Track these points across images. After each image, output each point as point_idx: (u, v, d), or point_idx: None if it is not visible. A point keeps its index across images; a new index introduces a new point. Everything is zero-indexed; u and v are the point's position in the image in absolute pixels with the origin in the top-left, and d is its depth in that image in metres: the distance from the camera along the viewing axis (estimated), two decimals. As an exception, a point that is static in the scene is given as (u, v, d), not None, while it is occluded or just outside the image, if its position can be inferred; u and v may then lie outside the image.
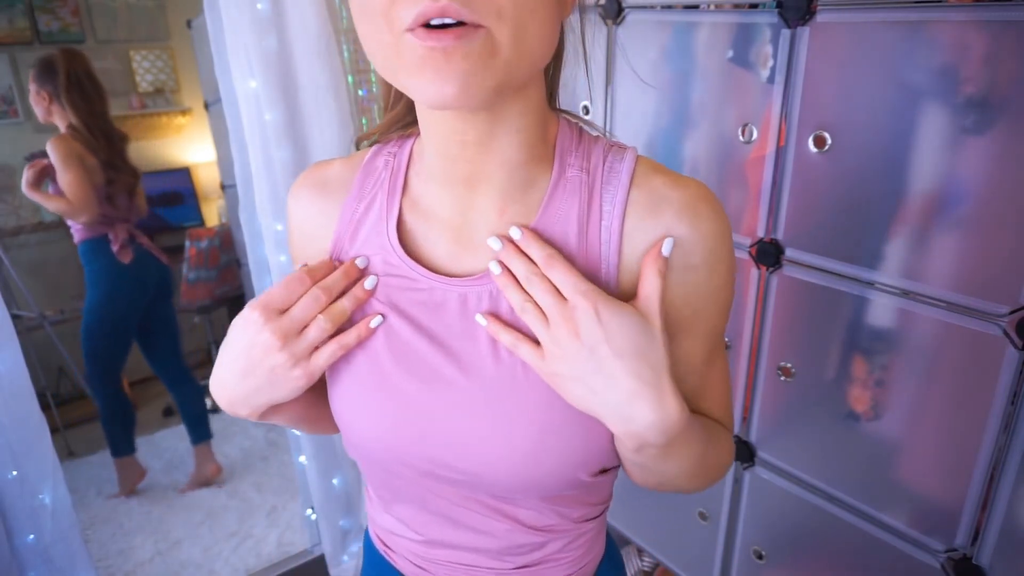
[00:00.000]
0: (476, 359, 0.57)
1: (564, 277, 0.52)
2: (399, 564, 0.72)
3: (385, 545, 0.73)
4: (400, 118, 0.63)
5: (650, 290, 0.52)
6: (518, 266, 0.54)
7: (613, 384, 0.50)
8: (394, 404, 0.59)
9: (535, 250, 0.54)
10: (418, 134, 0.61)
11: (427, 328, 0.58)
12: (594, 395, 0.51)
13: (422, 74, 0.45)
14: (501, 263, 0.55)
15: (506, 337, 0.55)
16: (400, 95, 0.62)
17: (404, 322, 0.59)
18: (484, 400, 0.56)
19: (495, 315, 0.56)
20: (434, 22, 0.43)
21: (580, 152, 0.58)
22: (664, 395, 0.51)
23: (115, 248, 2.24)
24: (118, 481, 2.55)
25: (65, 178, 2.07)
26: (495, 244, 0.55)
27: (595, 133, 0.61)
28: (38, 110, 2.15)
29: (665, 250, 0.53)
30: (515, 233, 0.55)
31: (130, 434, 2.51)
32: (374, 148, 0.64)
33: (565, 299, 0.52)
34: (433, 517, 0.65)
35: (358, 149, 0.66)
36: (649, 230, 0.55)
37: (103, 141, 2.16)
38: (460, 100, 0.46)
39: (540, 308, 0.53)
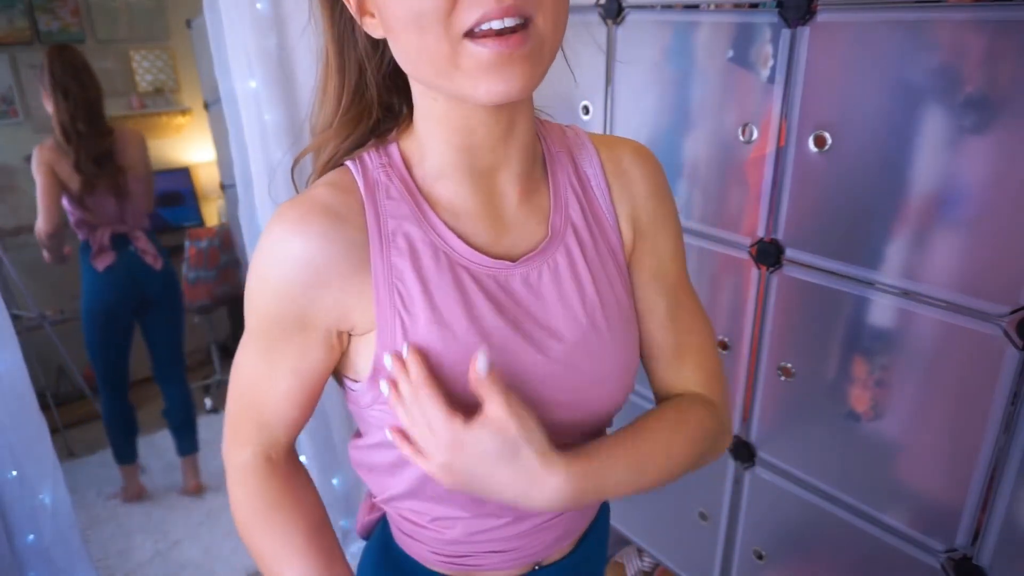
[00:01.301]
0: (563, 324, 0.62)
1: (428, 409, 0.57)
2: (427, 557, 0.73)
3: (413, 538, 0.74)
4: (350, 131, 0.61)
5: (495, 405, 0.56)
6: (403, 388, 0.58)
7: (492, 484, 0.57)
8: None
9: (412, 375, 0.57)
10: (395, 139, 0.62)
11: (510, 311, 0.61)
12: (483, 490, 0.59)
13: (488, 77, 0.49)
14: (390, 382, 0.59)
15: (405, 450, 0.60)
16: (355, 106, 0.61)
17: (492, 309, 0.60)
18: (584, 353, 0.62)
19: (398, 430, 0.61)
20: (495, 25, 0.47)
21: (547, 129, 0.67)
22: (539, 481, 0.56)
23: (93, 252, 2.20)
24: (122, 486, 2.53)
25: (36, 186, 2.09)
26: (387, 362, 0.58)
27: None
28: (48, 109, 2.14)
29: (480, 366, 0.55)
30: (403, 352, 0.58)
31: (131, 442, 2.46)
32: (351, 165, 0.60)
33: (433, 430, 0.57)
34: None
35: (324, 173, 0.63)
36: (622, 178, 0.67)
37: (85, 140, 2.07)
38: (522, 95, 0.51)
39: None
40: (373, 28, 0.55)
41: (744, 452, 1.29)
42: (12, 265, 2.55)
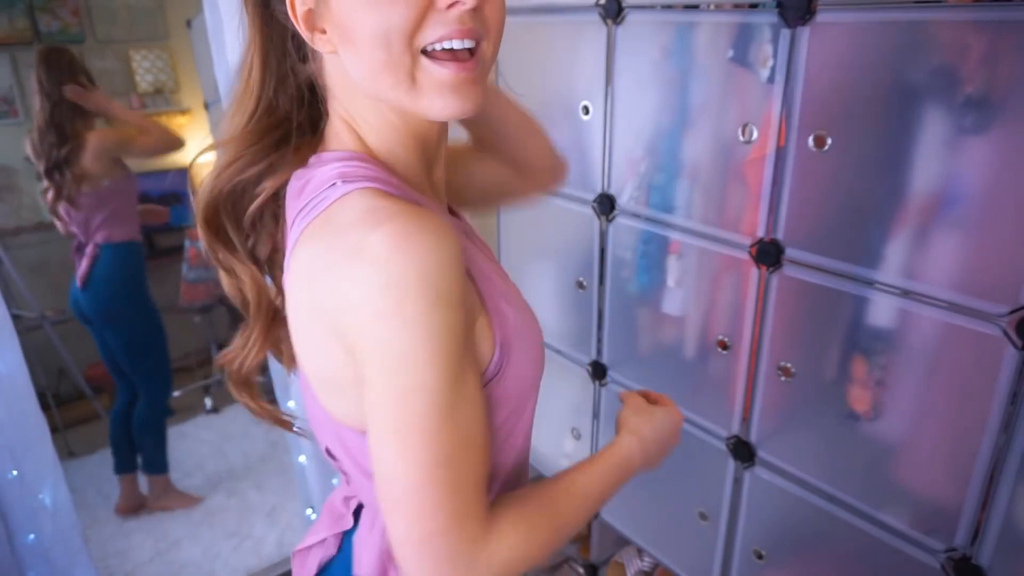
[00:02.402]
0: None
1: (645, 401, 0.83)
2: None
3: None
4: (255, 141, 0.60)
5: (667, 399, 0.85)
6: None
7: (659, 455, 0.79)
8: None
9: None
10: (329, 152, 0.61)
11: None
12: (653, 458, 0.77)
13: (442, 95, 0.53)
14: None
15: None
16: (266, 117, 0.60)
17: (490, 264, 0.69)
18: None
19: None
20: (455, 45, 0.52)
21: None
22: (664, 455, 0.81)
23: None
24: (119, 497, 2.46)
25: None
26: None
27: None
28: None
29: None
30: None
31: (133, 452, 2.43)
32: (360, 184, 0.56)
33: None
34: None
35: (221, 179, 0.62)
36: None
37: (46, 148, 2.03)
38: (472, 113, 0.55)
39: None
40: (322, 44, 0.56)
41: (744, 452, 1.29)
42: (12, 265, 2.55)
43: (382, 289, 0.48)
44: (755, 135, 1.12)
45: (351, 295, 0.49)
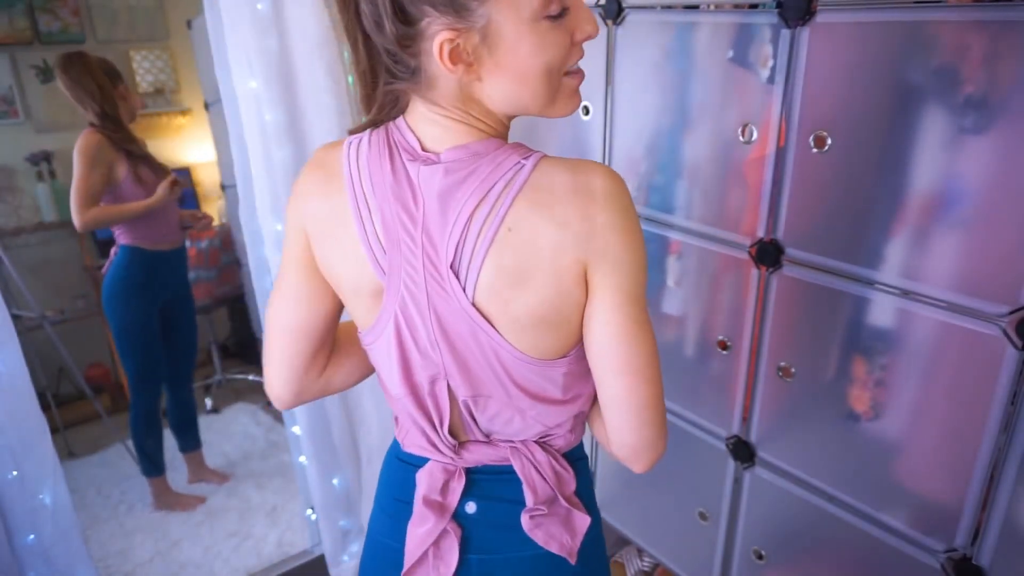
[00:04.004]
0: None
1: None
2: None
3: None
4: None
5: None
6: None
7: None
8: None
9: None
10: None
11: None
12: None
13: (572, 98, 0.71)
14: None
15: None
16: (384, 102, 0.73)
17: None
18: None
19: None
20: (580, 63, 0.71)
21: None
22: None
23: None
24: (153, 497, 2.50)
25: None
26: None
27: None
28: None
29: None
30: None
31: (157, 455, 2.43)
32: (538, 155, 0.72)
33: None
34: None
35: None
36: None
37: None
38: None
39: None
40: (466, 74, 0.66)
41: (744, 452, 1.29)
42: (12, 265, 2.54)
43: (628, 218, 0.69)
44: (755, 135, 1.12)
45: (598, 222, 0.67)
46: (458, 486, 0.81)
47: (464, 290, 0.68)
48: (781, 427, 1.23)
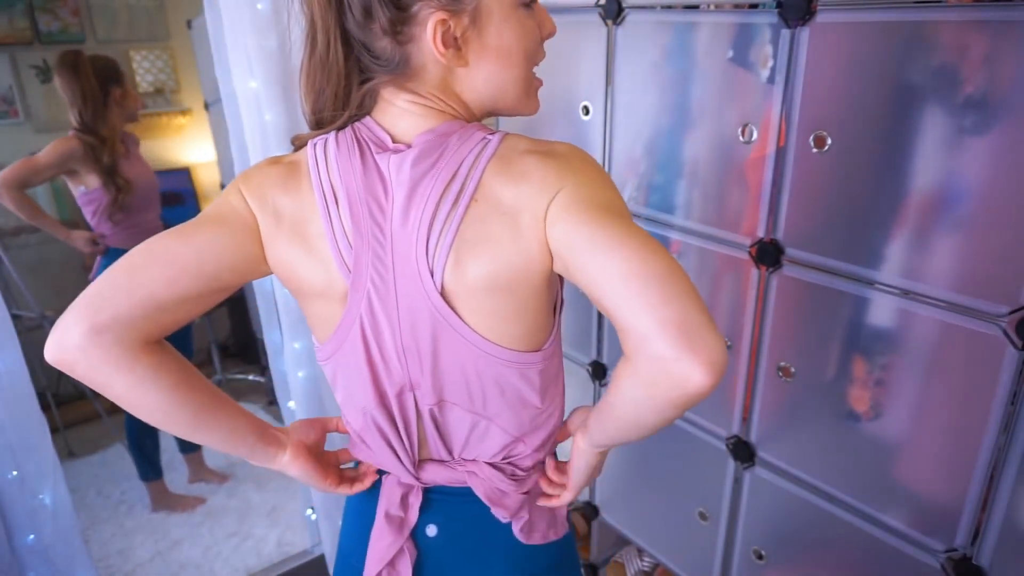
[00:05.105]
0: None
1: None
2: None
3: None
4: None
5: None
6: None
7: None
8: None
9: None
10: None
11: None
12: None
13: (537, 100, 0.75)
14: None
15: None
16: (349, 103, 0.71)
17: None
18: None
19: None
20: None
21: None
22: None
23: None
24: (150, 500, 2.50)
25: None
26: None
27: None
28: None
29: None
30: None
31: (154, 458, 2.43)
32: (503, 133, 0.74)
33: None
34: None
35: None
36: None
37: None
38: None
39: None
40: (455, 59, 0.67)
41: (744, 452, 1.29)
42: (12, 265, 2.55)
43: (587, 165, 0.68)
44: (755, 135, 1.12)
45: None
46: (416, 502, 0.82)
47: (432, 276, 0.67)
48: (781, 427, 1.23)
